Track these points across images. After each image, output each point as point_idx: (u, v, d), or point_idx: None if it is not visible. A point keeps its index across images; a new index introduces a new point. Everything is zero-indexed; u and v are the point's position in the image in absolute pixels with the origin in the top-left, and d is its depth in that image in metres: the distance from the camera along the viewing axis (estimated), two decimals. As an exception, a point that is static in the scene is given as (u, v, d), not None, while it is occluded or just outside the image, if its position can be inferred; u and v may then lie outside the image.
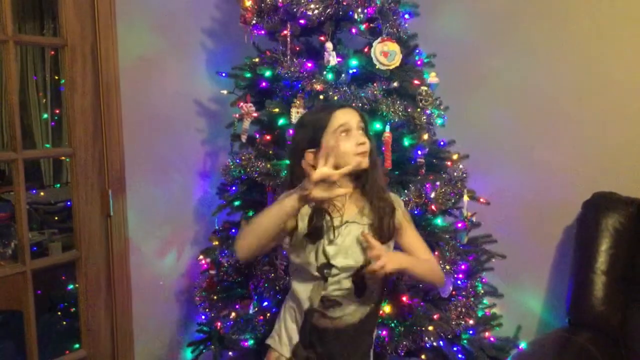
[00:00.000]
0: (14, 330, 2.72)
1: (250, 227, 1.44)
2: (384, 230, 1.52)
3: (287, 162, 1.58)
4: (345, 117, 1.51)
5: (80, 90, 2.11)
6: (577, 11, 2.30)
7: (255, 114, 2.12)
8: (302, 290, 1.56)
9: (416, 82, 2.09)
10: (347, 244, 1.51)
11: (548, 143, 2.39)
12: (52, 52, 4.84)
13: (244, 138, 2.17)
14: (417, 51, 2.18)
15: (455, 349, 2.12)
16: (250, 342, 2.13)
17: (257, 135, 2.18)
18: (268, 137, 2.15)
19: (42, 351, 2.06)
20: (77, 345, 2.26)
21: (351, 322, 1.55)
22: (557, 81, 2.37)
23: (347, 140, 1.49)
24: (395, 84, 2.04)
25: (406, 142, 2.06)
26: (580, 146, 2.34)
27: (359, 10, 2.03)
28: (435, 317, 2.00)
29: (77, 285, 2.22)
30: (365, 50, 2.07)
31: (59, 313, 3.23)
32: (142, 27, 2.30)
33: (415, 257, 1.58)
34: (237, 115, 2.15)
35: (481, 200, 2.19)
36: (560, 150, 2.37)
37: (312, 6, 2.01)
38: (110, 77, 2.17)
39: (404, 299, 1.95)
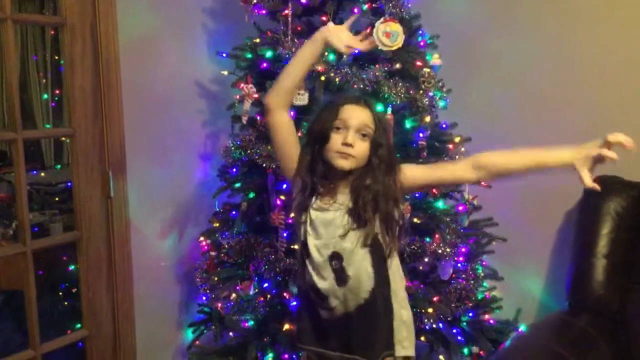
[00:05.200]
0: (15, 310, 2.75)
1: (280, 76, 1.54)
2: (361, 216, 1.43)
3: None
4: (348, 114, 1.44)
5: (80, 70, 2.09)
6: (582, -7, 2.28)
7: (256, 95, 2.10)
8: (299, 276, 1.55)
9: (419, 63, 2.07)
10: (320, 230, 1.46)
11: (551, 126, 2.37)
12: (52, 32, 4.81)
13: (244, 119, 2.15)
14: (420, 32, 2.16)
15: (454, 331, 2.13)
16: (251, 322, 2.14)
17: (258, 117, 2.16)
18: (269, 119, 2.14)
19: (44, 331, 2.07)
20: (78, 325, 2.27)
21: (342, 313, 1.46)
22: (560, 63, 2.34)
23: (337, 135, 1.43)
24: (397, 66, 2.02)
25: (408, 124, 2.05)
26: (582, 129, 2.31)
27: (362, -11, 2.00)
28: (435, 299, 2.01)
29: (78, 266, 2.23)
30: (368, 30, 2.04)
31: (60, 293, 3.25)
32: (142, 7, 2.28)
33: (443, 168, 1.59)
34: (237, 97, 2.13)
35: (482, 183, 2.18)
36: (562, 133, 2.35)
37: (314, -15, 1.99)
38: (110, 57, 2.15)
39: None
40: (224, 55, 2.29)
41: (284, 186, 2.01)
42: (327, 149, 1.44)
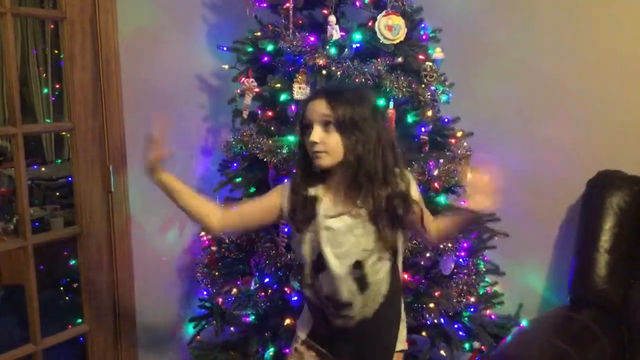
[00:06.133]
0: (16, 304, 2.75)
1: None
2: (384, 219, 1.39)
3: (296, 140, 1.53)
4: (308, 112, 1.40)
5: (80, 64, 2.08)
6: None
7: (257, 90, 2.09)
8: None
9: (421, 57, 2.06)
10: (340, 239, 1.40)
11: (553, 120, 2.36)
12: (52, 26, 4.79)
13: (245, 114, 2.14)
14: (422, 25, 2.14)
15: (456, 326, 2.12)
16: (252, 317, 2.14)
17: (259, 111, 2.15)
18: (270, 113, 2.13)
19: (44, 326, 2.07)
20: (79, 320, 2.27)
21: (360, 320, 1.44)
22: (563, 58, 2.33)
23: (308, 135, 1.38)
24: (399, 59, 2.01)
25: (410, 118, 2.04)
26: (585, 124, 2.31)
27: (363, -18, 1.99)
28: (436, 294, 2.00)
29: (78, 261, 2.22)
30: (369, 24, 2.03)
31: (61, 288, 3.25)
32: (142, 0, 2.26)
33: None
34: (238, 91, 2.12)
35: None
36: (565, 127, 2.35)
37: (316, -22, 1.98)
38: (110, 50, 2.14)
39: (405, 276, 1.95)
40: (225, 49, 2.28)
41: (285, 181, 2.00)
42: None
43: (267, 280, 2.11)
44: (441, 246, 1.97)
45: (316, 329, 1.53)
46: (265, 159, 2.02)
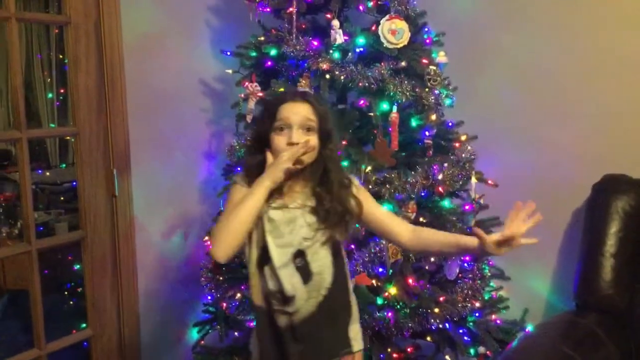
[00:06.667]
0: (21, 309, 2.75)
1: (224, 227, 1.38)
2: (329, 214, 1.43)
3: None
4: (287, 113, 1.42)
5: (84, 69, 2.09)
6: (590, -12, 2.25)
7: (260, 94, 2.09)
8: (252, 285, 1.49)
9: (424, 61, 2.06)
10: (281, 229, 1.43)
11: (558, 124, 2.35)
12: (57, 30, 4.81)
13: (249, 118, 2.14)
14: (425, 29, 2.14)
15: (461, 331, 2.11)
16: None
17: (263, 115, 2.15)
18: (274, 117, 2.13)
19: (49, 330, 2.07)
20: (83, 325, 2.27)
21: (305, 315, 1.43)
22: (567, 61, 2.32)
23: (281, 136, 1.41)
24: (403, 63, 2.00)
25: (414, 122, 2.04)
26: (590, 127, 2.30)
27: (367, -13, 1.99)
28: (441, 299, 1.99)
29: (83, 265, 2.22)
30: (373, 28, 2.03)
31: (66, 293, 3.26)
32: (146, 5, 2.27)
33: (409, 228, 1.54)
34: (242, 95, 2.12)
35: (489, 182, 2.16)
36: (570, 131, 2.34)
37: (319, -17, 1.98)
38: (114, 55, 2.14)
39: (410, 280, 1.94)
40: (229, 53, 2.28)
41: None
42: (273, 151, 1.43)
43: (271, 284, 2.10)
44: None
45: (263, 349, 1.51)
46: (268, 164, 2.02)
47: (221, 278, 2.17)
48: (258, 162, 1.46)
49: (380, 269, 1.92)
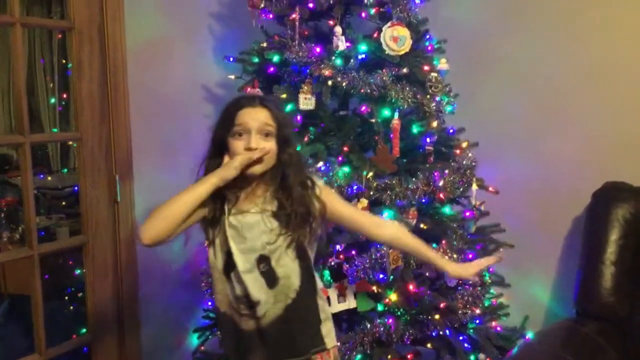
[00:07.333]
0: (22, 314, 2.75)
1: (159, 212, 1.41)
2: (291, 218, 1.44)
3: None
4: (245, 118, 1.42)
5: (88, 74, 2.10)
6: (591, -3, 2.27)
7: (262, 100, 2.09)
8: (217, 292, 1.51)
9: (426, 68, 2.07)
10: (244, 234, 1.44)
11: (559, 131, 2.36)
12: (60, 35, 4.83)
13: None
14: (427, 36, 2.15)
15: (461, 338, 2.11)
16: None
17: (265, 122, 2.16)
18: (275, 123, 2.13)
19: (49, 335, 2.07)
20: (83, 330, 2.27)
21: (273, 318, 1.44)
22: (568, 69, 2.33)
23: (239, 141, 1.42)
24: (404, 70, 2.02)
25: (415, 129, 2.04)
26: (591, 135, 2.31)
27: (369, -7, 2.00)
28: (441, 306, 1.99)
29: (84, 270, 2.22)
30: (375, 35, 2.04)
31: (67, 298, 3.25)
32: (150, 11, 2.29)
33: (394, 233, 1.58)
34: (244, 101, 2.13)
35: (490, 189, 2.17)
36: (571, 139, 2.34)
37: (322, -10, 1.99)
38: (118, 60, 2.16)
39: (411, 287, 1.94)
40: (231, 59, 2.29)
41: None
42: (231, 155, 1.44)
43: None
44: (446, 257, 1.97)
45: (228, 355, 1.52)
46: (270, 169, 2.02)
47: (222, 283, 2.17)
48: (217, 166, 1.47)
49: (381, 276, 1.92)
